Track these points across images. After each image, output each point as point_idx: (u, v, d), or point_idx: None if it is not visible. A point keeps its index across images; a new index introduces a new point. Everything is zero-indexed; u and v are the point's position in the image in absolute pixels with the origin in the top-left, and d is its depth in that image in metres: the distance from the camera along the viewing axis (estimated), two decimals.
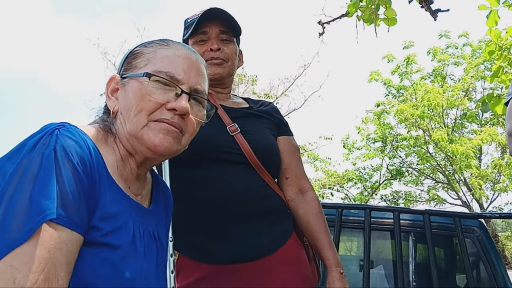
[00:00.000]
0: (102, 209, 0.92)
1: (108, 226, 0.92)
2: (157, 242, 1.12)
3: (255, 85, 14.56)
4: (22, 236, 0.77)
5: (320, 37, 5.38)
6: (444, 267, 3.76)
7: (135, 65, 1.08)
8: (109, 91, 1.09)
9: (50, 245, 0.79)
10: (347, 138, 16.05)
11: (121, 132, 1.05)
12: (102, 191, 0.93)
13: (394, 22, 4.36)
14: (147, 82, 1.02)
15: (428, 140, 14.20)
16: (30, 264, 0.76)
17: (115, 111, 1.06)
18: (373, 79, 14.65)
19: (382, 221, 3.55)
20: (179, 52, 1.10)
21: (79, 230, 0.85)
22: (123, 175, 1.04)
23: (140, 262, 1.01)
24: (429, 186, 16.37)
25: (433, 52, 14.41)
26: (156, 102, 1.02)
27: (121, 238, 0.95)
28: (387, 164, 15.86)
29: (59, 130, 0.90)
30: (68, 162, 0.86)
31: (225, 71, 1.77)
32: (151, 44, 1.12)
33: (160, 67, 1.05)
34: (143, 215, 1.08)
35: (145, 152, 1.04)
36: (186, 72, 1.07)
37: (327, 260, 1.67)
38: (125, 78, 1.07)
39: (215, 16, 1.75)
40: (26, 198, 0.79)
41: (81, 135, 0.93)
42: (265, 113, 1.84)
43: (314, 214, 1.73)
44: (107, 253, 0.91)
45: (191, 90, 1.07)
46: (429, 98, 13.00)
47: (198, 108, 1.10)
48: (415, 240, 3.51)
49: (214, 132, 1.64)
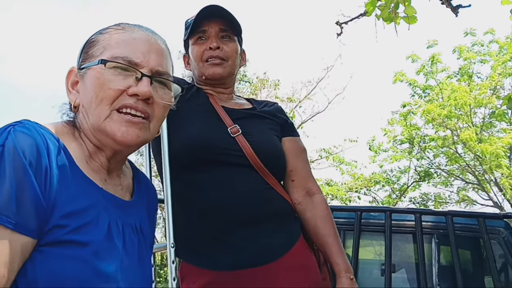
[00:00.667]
0: (65, 206, 0.88)
1: (75, 222, 0.88)
2: (139, 235, 1.07)
3: (277, 89, 14.52)
4: None
5: (338, 37, 5.33)
6: (469, 269, 3.64)
7: (91, 54, 1.03)
8: (69, 84, 1.05)
9: None
10: (373, 140, 15.82)
11: (84, 126, 1.01)
12: (64, 188, 0.89)
13: (414, 20, 4.27)
14: (103, 70, 0.98)
15: (456, 140, 13.90)
16: None
17: (76, 104, 1.02)
18: (397, 80, 14.43)
19: (403, 224, 3.46)
20: (136, 34, 1.04)
21: (21, 230, 0.81)
22: (94, 169, 1.00)
23: (119, 257, 0.96)
24: (459, 187, 16.00)
25: (459, 51, 14.13)
26: (116, 89, 0.97)
27: (92, 233, 0.91)
28: (415, 165, 15.58)
29: (14, 127, 0.86)
30: (16, 160, 0.82)
31: (225, 70, 1.71)
32: (106, 30, 1.06)
33: (116, 52, 1.00)
34: (121, 208, 1.03)
35: (111, 145, 1.00)
36: (145, 54, 1.02)
37: (336, 265, 1.60)
38: (83, 68, 1.02)
39: (214, 14, 1.70)
40: None
41: (40, 131, 0.89)
42: (269, 113, 1.78)
43: (322, 217, 1.66)
44: (74, 250, 0.87)
45: (152, 73, 1.02)
46: (456, 97, 12.73)
47: (163, 91, 1.05)
48: (438, 242, 3.42)
49: (214, 134, 1.61)
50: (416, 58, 14.23)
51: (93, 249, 0.90)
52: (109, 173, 1.05)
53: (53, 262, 0.84)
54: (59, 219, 0.86)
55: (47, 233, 0.85)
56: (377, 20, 4.64)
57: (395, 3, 4.36)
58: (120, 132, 0.97)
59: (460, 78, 14.27)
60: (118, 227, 0.99)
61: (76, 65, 1.06)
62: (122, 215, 1.02)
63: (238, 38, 1.79)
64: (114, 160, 1.05)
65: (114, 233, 0.97)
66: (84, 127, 1.01)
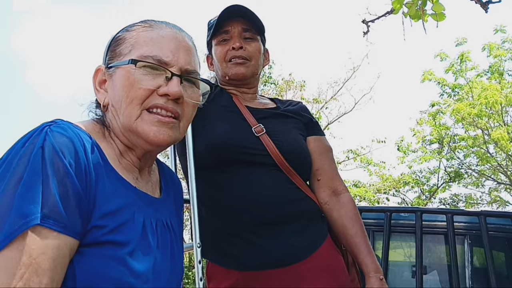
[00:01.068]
0: (103, 206, 0.87)
1: (113, 222, 0.88)
2: (171, 232, 1.07)
3: (303, 90, 14.44)
4: (1, 241, 0.73)
5: (365, 36, 5.27)
6: (503, 271, 3.53)
7: (119, 53, 1.02)
8: (96, 83, 1.04)
9: (32, 249, 0.75)
10: (401, 141, 15.59)
11: (114, 126, 1.00)
12: (101, 188, 0.88)
13: (442, 17, 4.18)
14: (133, 70, 0.97)
15: (487, 139, 13.60)
16: (8, 271, 0.72)
17: (105, 104, 1.01)
18: (426, 79, 14.20)
19: (434, 224, 3.39)
20: (164, 32, 1.03)
21: (69, 232, 0.80)
22: (126, 168, 1.00)
23: (153, 256, 0.96)
24: (491, 187, 15.64)
25: (488, 48, 13.83)
26: (146, 89, 0.97)
27: (129, 233, 0.90)
28: (445, 166, 15.29)
29: (50, 127, 0.85)
30: (57, 161, 0.81)
31: (248, 70, 1.71)
32: (133, 27, 1.05)
33: (146, 51, 0.99)
34: (153, 206, 1.03)
35: (142, 145, 0.99)
36: (174, 52, 1.01)
37: (364, 265, 1.56)
38: (111, 67, 1.01)
39: (236, 13, 1.69)
40: (9, 202, 0.75)
41: (75, 131, 0.89)
42: (293, 112, 1.76)
43: (350, 217, 1.63)
44: (112, 250, 0.86)
45: (182, 72, 1.01)
46: (487, 96, 12.44)
47: (192, 90, 1.04)
48: (471, 244, 3.33)
49: (239, 133, 1.59)
50: (445, 56, 13.97)
51: (130, 249, 0.89)
52: (140, 171, 1.05)
53: (91, 262, 0.83)
54: (98, 220, 0.85)
55: (86, 234, 0.84)
56: (404, 17, 4.58)
57: (422, 0, 4.29)
58: (152, 132, 0.96)
59: (491, 76, 13.95)
60: (152, 225, 0.99)
61: (102, 64, 1.05)
62: (154, 213, 1.02)
63: (261, 37, 1.78)
64: (145, 159, 1.05)
65: (148, 232, 0.96)
66: (114, 126, 1.00)
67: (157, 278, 0.96)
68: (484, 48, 13.96)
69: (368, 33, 5.30)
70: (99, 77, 1.04)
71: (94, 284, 0.83)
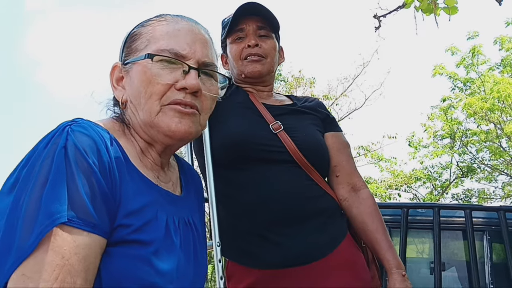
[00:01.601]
0: (127, 205, 0.86)
1: (137, 221, 0.86)
2: (193, 230, 1.05)
3: (313, 87, 14.39)
4: (31, 242, 0.72)
5: (376, 31, 5.22)
6: None
7: (136, 48, 1.00)
8: (113, 80, 1.03)
9: (64, 250, 0.73)
10: (412, 136, 15.48)
11: (134, 122, 0.99)
12: (124, 186, 0.87)
13: (455, 10, 4.14)
14: (150, 64, 0.95)
15: (500, 134, 13.47)
16: (42, 273, 0.71)
17: (124, 101, 1.00)
18: (437, 73, 14.09)
19: (452, 220, 3.35)
20: (179, 25, 1.01)
21: (98, 231, 0.79)
22: (147, 166, 0.99)
23: (177, 255, 0.94)
24: (504, 182, 15.48)
25: (500, 41, 13.69)
26: (164, 84, 0.95)
27: (153, 232, 0.89)
28: (457, 161, 15.16)
29: (70, 126, 0.84)
30: (81, 160, 0.80)
31: (264, 67, 1.69)
32: (148, 22, 1.04)
33: (162, 45, 0.97)
34: (175, 204, 1.01)
35: (163, 140, 0.98)
36: (190, 45, 0.99)
37: (386, 262, 1.54)
38: (127, 63, 1.00)
39: (251, 11, 1.67)
40: (36, 203, 0.74)
41: (95, 129, 0.87)
42: (310, 108, 1.74)
43: (370, 213, 1.60)
44: (137, 250, 0.85)
45: (199, 65, 0.99)
46: (499, 90, 12.31)
47: (210, 83, 1.02)
48: (490, 239, 3.28)
49: (256, 131, 1.58)
50: (456, 50, 13.85)
51: (154, 248, 0.88)
52: (161, 169, 1.03)
53: (117, 262, 0.82)
54: (123, 218, 0.84)
55: (112, 233, 0.83)
56: (416, 12, 4.53)
57: None
58: (174, 123, 0.95)
59: (503, 70, 13.81)
60: (175, 223, 0.97)
61: (119, 61, 1.04)
62: (176, 211, 1.00)
63: (276, 35, 1.76)
64: (165, 155, 1.03)
65: (172, 231, 0.95)
66: (134, 123, 0.99)
67: (182, 277, 0.94)
68: (496, 42, 13.82)
69: (379, 28, 5.27)
70: (116, 74, 1.03)
71: (120, 284, 0.81)
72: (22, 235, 0.73)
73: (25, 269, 0.71)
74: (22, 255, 0.72)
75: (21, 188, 0.77)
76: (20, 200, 0.76)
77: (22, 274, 0.71)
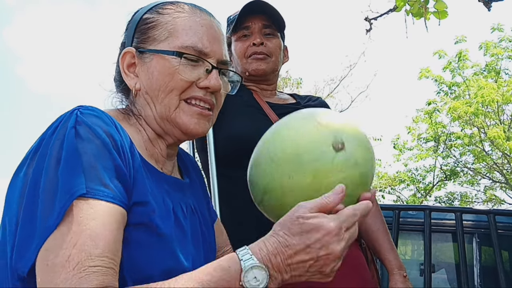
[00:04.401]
0: (140, 186, 0.85)
1: (148, 206, 0.86)
2: (199, 216, 1.06)
3: (300, 87, 14.45)
4: (54, 220, 0.72)
5: (367, 33, 5.25)
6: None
7: (154, 38, 0.98)
8: (124, 66, 1.00)
9: (80, 218, 0.72)
10: (397, 139, 15.61)
11: (148, 113, 0.98)
12: (136, 170, 0.86)
13: (444, 15, 4.17)
14: (175, 60, 0.95)
15: (483, 138, 13.64)
16: (67, 245, 0.70)
17: (137, 89, 0.98)
18: (423, 76, 14.21)
19: (443, 223, 3.38)
20: (201, 20, 1.00)
21: (117, 201, 0.78)
22: (153, 155, 0.98)
23: (188, 241, 0.95)
24: (486, 186, 15.69)
25: (485, 46, 13.86)
26: (188, 81, 0.96)
27: (165, 218, 0.89)
28: (441, 164, 15.33)
29: (79, 109, 0.83)
30: (93, 136, 0.79)
31: (269, 66, 1.69)
32: (165, 10, 1.01)
33: (186, 41, 0.97)
34: (181, 190, 1.02)
35: (177, 135, 0.99)
36: (212, 43, 0.99)
37: (388, 262, 1.55)
38: (144, 52, 0.98)
39: (257, 9, 1.67)
40: (53, 182, 0.74)
41: (105, 113, 0.87)
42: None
43: (372, 213, 1.61)
44: (154, 235, 0.85)
45: (218, 63, 1.00)
46: (483, 94, 12.47)
47: (224, 80, 1.04)
48: (479, 242, 3.32)
49: (260, 129, 1.56)
50: (443, 54, 13.97)
51: (169, 235, 0.88)
52: (167, 160, 1.03)
53: (135, 249, 0.81)
54: (138, 197, 0.84)
55: (129, 212, 0.82)
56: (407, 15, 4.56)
57: None
58: (192, 124, 0.97)
59: (487, 75, 13.99)
60: (183, 210, 0.98)
61: (128, 45, 1.01)
62: (183, 197, 1.01)
63: (281, 34, 1.76)
64: (174, 146, 1.04)
65: (181, 218, 0.95)
66: (147, 114, 0.98)
67: (193, 264, 0.93)
68: (481, 47, 13.99)
69: (370, 30, 5.30)
70: (127, 59, 1.00)
71: (142, 271, 0.81)
72: (43, 215, 0.73)
73: (47, 245, 0.71)
74: (45, 234, 0.72)
75: (35, 173, 0.76)
76: (36, 184, 0.75)
77: (45, 250, 0.71)
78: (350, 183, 0.92)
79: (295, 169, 0.92)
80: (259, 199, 1.03)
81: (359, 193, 0.95)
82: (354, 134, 0.97)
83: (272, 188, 0.97)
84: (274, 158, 0.96)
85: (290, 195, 0.93)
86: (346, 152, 0.93)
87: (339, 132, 0.95)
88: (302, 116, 1.02)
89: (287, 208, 0.88)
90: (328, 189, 0.89)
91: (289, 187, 0.93)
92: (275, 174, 0.95)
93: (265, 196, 1.00)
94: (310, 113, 1.02)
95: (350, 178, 0.92)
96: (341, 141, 0.93)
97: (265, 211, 1.06)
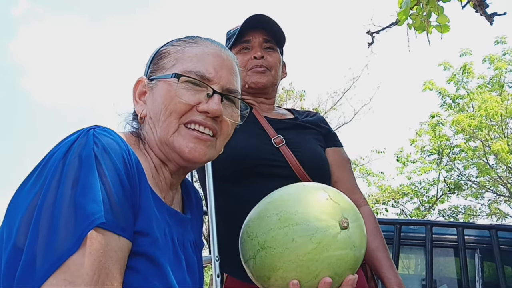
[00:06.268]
0: (145, 214, 0.85)
1: (150, 237, 0.85)
2: (198, 252, 1.06)
3: (303, 100, 14.46)
4: (71, 245, 0.71)
5: (369, 47, 5.26)
6: None
7: (162, 66, 1.01)
8: (136, 94, 1.03)
9: (100, 253, 0.72)
10: (400, 151, 15.56)
11: (151, 138, 0.98)
12: (143, 196, 0.86)
13: (447, 29, 4.17)
14: (175, 83, 0.96)
15: (487, 151, 13.59)
16: (84, 277, 0.70)
17: (143, 115, 1.00)
18: (427, 88, 14.19)
19: (444, 237, 3.36)
20: (209, 49, 1.02)
21: (127, 235, 0.78)
22: (158, 184, 0.98)
23: (184, 275, 0.94)
24: (490, 199, 15.59)
25: (489, 59, 13.86)
26: (186, 104, 0.95)
27: (163, 251, 0.88)
28: (444, 177, 15.26)
29: (95, 129, 0.83)
30: (109, 161, 0.79)
31: (268, 79, 1.69)
32: (178, 42, 1.04)
33: (189, 66, 0.98)
34: (182, 225, 1.01)
35: (177, 160, 0.97)
36: (217, 70, 0.99)
37: (387, 280, 1.53)
38: (153, 80, 1.00)
39: (259, 24, 1.68)
40: (70, 204, 0.73)
41: (119, 136, 0.87)
42: (312, 123, 1.74)
43: (371, 231, 1.58)
44: (152, 266, 0.84)
45: (223, 90, 0.99)
46: (487, 108, 12.45)
47: (231, 109, 1.03)
48: (481, 257, 3.29)
49: (258, 145, 1.56)
50: (448, 66, 13.95)
51: (166, 267, 0.87)
52: (170, 190, 1.02)
53: (132, 276, 0.81)
54: (140, 225, 0.83)
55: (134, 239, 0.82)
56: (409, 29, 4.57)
57: (427, 12, 4.28)
58: (188, 148, 0.95)
59: (491, 88, 13.97)
60: (183, 245, 0.97)
61: (144, 75, 1.04)
62: (183, 232, 1.00)
63: (280, 49, 1.77)
64: (177, 175, 1.03)
65: (179, 251, 0.94)
66: (150, 139, 0.98)
67: None
68: (485, 60, 13.99)
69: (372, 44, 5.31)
70: (139, 88, 1.03)
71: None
72: (59, 238, 0.71)
73: (66, 274, 0.70)
74: (61, 258, 0.70)
75: (48, 187, 0.75)
76: (47, 199, 0.74)
77: (63, 279, 0.69)
78: (344, 262, 0.98)
79: (301, 233, 0.97)
80: (251, 254, 1.05)
81: (347, 274, 1.01)
82: (357, 217, 1.04)
83: (272, 246, 0.99)
84: (282, 217, 1.00)
85: (286, 258, 0.97)
86: (349, 232, 0.99)
87: (346, 211, 1.02)
88: (315, 186, 1.10)
89: (277, 272, 0.95)
90: (323, 263, 0.96)
91: (289, 249, 0.97)
92: (278, 232, 0.99)
93: (261, 252, 1.01)
94: (323, 187, 1.09)
95: (345, 258, 0.98)
96: (347, 220, 1.00)
97: (253, 268, 1.07)
